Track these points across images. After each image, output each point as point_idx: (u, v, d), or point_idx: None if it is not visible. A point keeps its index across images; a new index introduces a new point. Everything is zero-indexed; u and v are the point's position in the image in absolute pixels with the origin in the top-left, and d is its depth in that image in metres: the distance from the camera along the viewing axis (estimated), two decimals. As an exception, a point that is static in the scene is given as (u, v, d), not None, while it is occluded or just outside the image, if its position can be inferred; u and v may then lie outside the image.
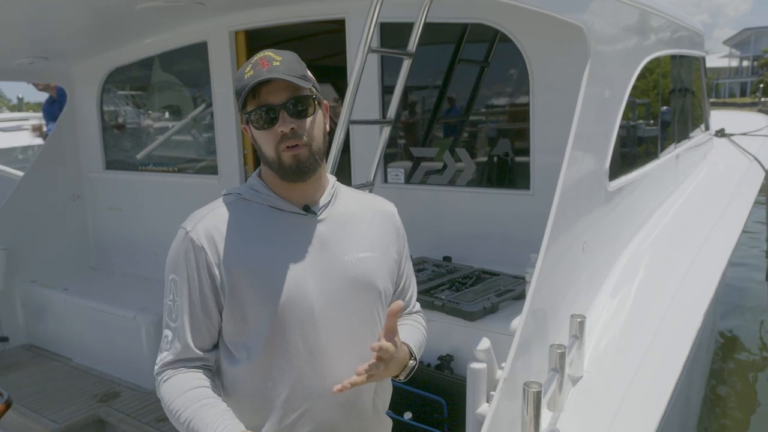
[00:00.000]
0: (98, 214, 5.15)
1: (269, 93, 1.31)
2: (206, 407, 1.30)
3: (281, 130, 1.31)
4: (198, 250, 1.34)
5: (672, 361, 2.15)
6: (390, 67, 3.46)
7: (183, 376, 1.37)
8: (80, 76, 5.01)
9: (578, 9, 2.43)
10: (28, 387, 4.01)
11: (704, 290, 2.71)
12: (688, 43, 4.75)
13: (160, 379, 1.39)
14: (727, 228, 3.66)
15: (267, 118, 1.32)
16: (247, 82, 1.31)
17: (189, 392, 1.33)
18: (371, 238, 1.46)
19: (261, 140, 1.35)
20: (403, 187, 3.58)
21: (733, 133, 6.63)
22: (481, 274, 3.02)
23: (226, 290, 1.34)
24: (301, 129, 1.32)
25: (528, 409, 1.59)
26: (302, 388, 1.35)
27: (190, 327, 1.37)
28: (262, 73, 1.30)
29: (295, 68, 1.33)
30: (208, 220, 1.37)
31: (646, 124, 3.63)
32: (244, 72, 1.33)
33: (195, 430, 1.28)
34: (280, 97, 1.31)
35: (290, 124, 1.31)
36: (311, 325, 1.35)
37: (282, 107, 1.31)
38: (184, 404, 1.31)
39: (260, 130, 1.33)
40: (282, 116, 1.31)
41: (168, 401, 1.34)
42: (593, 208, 2.56)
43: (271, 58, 1.33)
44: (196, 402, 1.31)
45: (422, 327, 1.61)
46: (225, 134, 4.24)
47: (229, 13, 3.96)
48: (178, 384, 1.35)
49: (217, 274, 1.34)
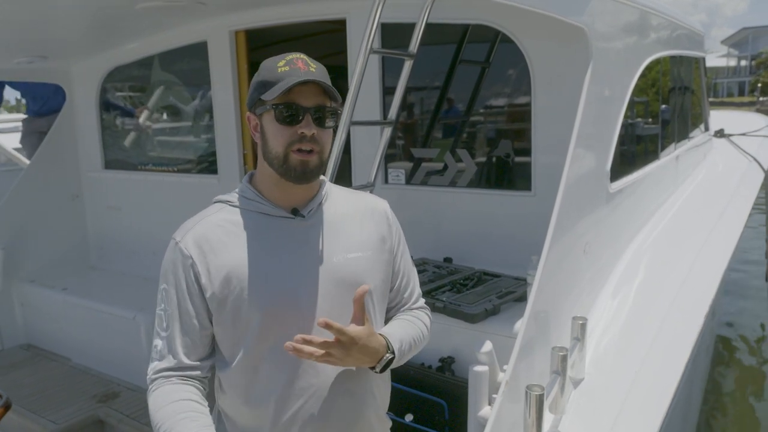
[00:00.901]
0: (97, 214, 5.14)
1: (300, 93, 1.33)
2: (186, 420, 1.31)
3: (303, 131, 1.32)
4: (186, 260, 1.36)
5: (673, 363, 2.15)
6: (391, 67, 3.45)
7: (170, 388, 1.37)
8: (79, 75, 4.99)
9: (580, 10, 2.43)
10: (27, 387, 4.00)
11: (705, 292, 2.71)
12: (689, 43, 4.76)
13: (151, 388, 1.40)
14: (727, 229, 3.66)
15: (293, 117, 1.33)
16: (282, 75, 1.32)
17: (172, 405, 1.34)
18: (362, 238, 1.46)
19: (274, 134, 1.35)
20: (404, 187, 3.58)
21: (732, 134, 6.64)
22: (482, 276, 3.02)
23: (216, 298, 1.36)
24: (320, 137, 1.35)
25: (530, 412, 1.59)
26: (295, 389, 1.37)
27: (180, 336, 1.38)
28: (301, 73, 1.32)
29: (328, 80, 1.35)
30: (197, 229, 1.39)
31: (646, 125, 3.63)
32: (275, 64, 1.35)
33: None
34: (311, 101, 1.34)
35: (313, 129, 1.33)
36: (299, 328, 1.35)
37: (310, 111, 1.33)
38: (165, 416, 1.32)
39: (280, 124, 1.33)
40: (307, 119, 1.33)
41: (152, 412, 1.35)
42: (595, 210, 2.56)
43: (307, 62, 1.35)
44: (177, 415, 1.31)
45: (420, 322, 1.58)
46: (225, 134, 4.23)
47: (230, 12, 3.95)
48: (162, 395, 1.36)
49: (205, 284, 1.36)
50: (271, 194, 1.42)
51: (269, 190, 1.41)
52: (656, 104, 3.78)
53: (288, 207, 1.41)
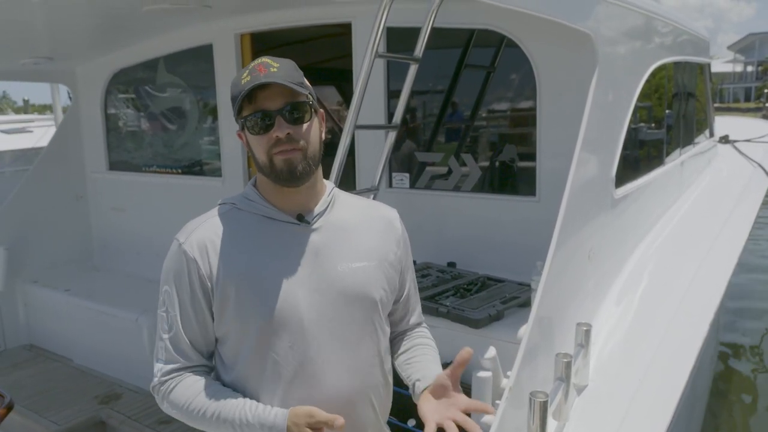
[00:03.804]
0: (101, 215, 5.15)
1: (266, 98, 1.30)
2: (235, 396, 1.34)
3: (276, 135, 1.30)
4: (190, 262, 1.35)
5: (678, 370, 2.14)
6: (396, 71, 3.45)
7: (192, 379, 1.38)
8: (85, 76, 5.01)
9: (585, 15, 2.42)
10: (29, 387, 4.01)
11: (710, 298, 2.69)
12: (694, 49, 4.75)
13: (164, 389, 1.38)
14: (732, 235, 3.64)
15: (263, 124, 1.31)
16: (243, 87, 1.30)
17: (209, 389, 1.35)
18: (368, 247, 1.44)
19: (255, 145, 1.34)
20: (408, 192, 3.57)
21: (737, 140, 6.62)
22: (486, 281, 3.01)
23: (217, 301, 1.35)
24: (297, 134, 1.32)
25: (534, 419, 1.57)
26: (293, 400, 1.34)
27: (185, 337, 1.38)
28: (259, 77, 1.29)
29: (292, 75, 1.32)
30: (201, 231, 1.37)
31: (651, 131, 3.62)
32: (240, 78, 1.32)
33: (233, 418, 1.30)
34: (277, 102, 1.31)
35: (286, 129, 1.30)
36: (300, 335, 1.34)
37: (278, 113, 1.30)
38: (208, 400, 1.33)
39: (256, 135, 1.32)
40: (278, 121, 1.30)
41: (184, 403, 1.35)
42: (599, 215, 2.55)
43: (269, 64, 1.32)
44: (224, 396, 1.33)
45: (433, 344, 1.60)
46: (229, 136, 4.24)
47: (235, 15, 3.96)
48: (191, 386, 1.36)
49: (208, 286, 1.35)
50: (274, 198, 1.40)
51: (272, 195, 1.40)
52: (661, 110, 3.77)
53: (293, 212, 1.39)
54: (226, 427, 1.32)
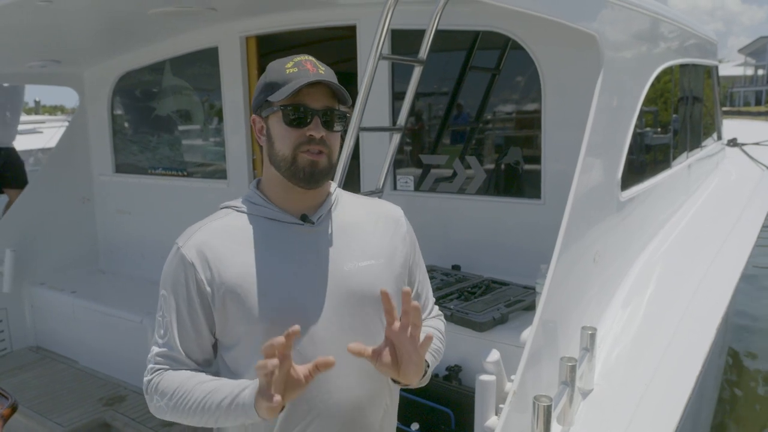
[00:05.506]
0: (107, 217, 5.17)
1: (309, 95, 1.30)
2: (215, 380, 1.28)
3: (311, 134, 1.29)
4: (188, 267, 1.32)
5: (685, 375, 2.12)
6: (400, 73, 3.45)
7: (174, 372, 1.33)
8: (91, 79, 5.03)
9: (591, 17, 2.41)
10: (34, 389, 4.02)
11: (717, 303, 2.67)
12: (701, 51, 4.72)
13: (151, 387, 1.34)
14: (740, 239, 3.61)
15: (300, 118, 1.30)
16: (291, 77, 1.29)
17: (190, 378, 1.30)
18: (375, 245, 1.41)
19: (281, 136, 1.31)
20: (413, 194, 3.57)
21: (745, 143, 6.58)
22: (491, 284, 2.99)
23: (217, 306, 1.32)
24: (329, 139, 1.32)
25: (538, 423, 1.56)
26: (300, 404, 1.30)
27: (179, 340, 1.34)
28: (310, 74, 1.29)
29: (337, 82, 1.33)
30: (201, 235, 1.35)
31: (658, 134, 3.60)
32: (283, 66, 1.32)
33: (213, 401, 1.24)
34: (320, 103, 1.31)
35: (322, 131, 1.30)
36: (307, 338, 1.30)
37: (318, 113, 1.30)
38: (189, 388, 1.28)
39: (288, 126, 1.30)
40: (316, 121, 1.30)
41: (167, 395, 1.30)
42: (605, 219, 2.54)
43: (316, 64, 1.33)
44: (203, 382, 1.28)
45: (440, 333, 1.55)
46: (234, 139, 4.25)
47: (241, 18, 3.97)
48: (174, 378, 1.32)
49: (207, 290, 1.31)
50: (278, 200, 1.37)
51: (277, 196, 1.37)
52: (668, 112, 3.74)
53: (297, 213, 1.36)
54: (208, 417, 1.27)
